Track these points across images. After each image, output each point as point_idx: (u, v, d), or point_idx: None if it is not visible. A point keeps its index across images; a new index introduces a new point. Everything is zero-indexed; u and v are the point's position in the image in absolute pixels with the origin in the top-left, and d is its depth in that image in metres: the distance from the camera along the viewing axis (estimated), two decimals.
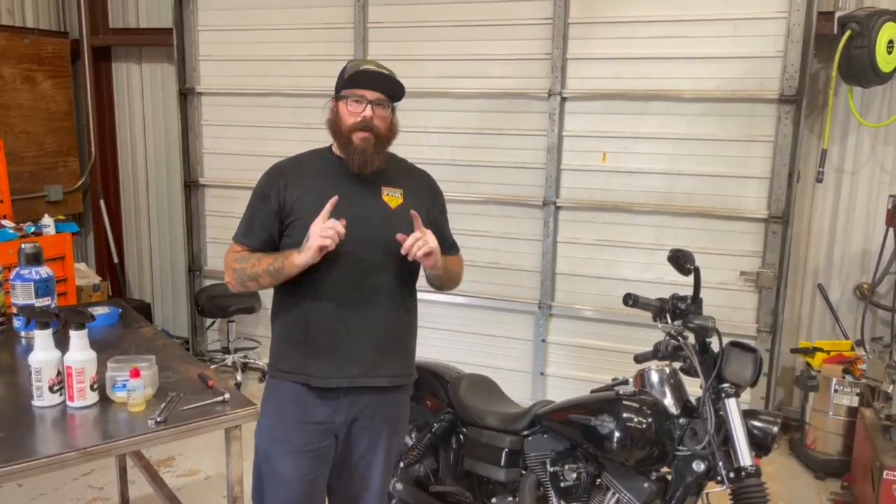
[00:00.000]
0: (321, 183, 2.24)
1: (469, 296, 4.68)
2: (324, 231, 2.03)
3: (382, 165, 2.27)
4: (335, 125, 2.24)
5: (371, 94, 2.19)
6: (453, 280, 2.43)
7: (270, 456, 2.28)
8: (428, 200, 2.37)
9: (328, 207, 2.06)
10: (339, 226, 2.03)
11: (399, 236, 2.11)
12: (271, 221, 2.24)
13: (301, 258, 2.08)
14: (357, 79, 2.21)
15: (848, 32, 3.80)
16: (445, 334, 4.81)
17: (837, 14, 3.92)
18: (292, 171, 2.30)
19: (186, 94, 5.31)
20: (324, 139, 2.33)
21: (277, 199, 2.23)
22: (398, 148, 2.45)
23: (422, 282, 2.35)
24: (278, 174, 2.30)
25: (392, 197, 2.28)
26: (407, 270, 2.28)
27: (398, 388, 2.37)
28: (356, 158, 2.20)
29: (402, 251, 2.11)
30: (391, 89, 2.23)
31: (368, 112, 2.18)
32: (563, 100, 4.37)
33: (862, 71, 3.84)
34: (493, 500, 2.78)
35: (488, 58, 4.50)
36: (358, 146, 2.19)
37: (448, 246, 2.42)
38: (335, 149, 2.30)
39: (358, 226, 2.18)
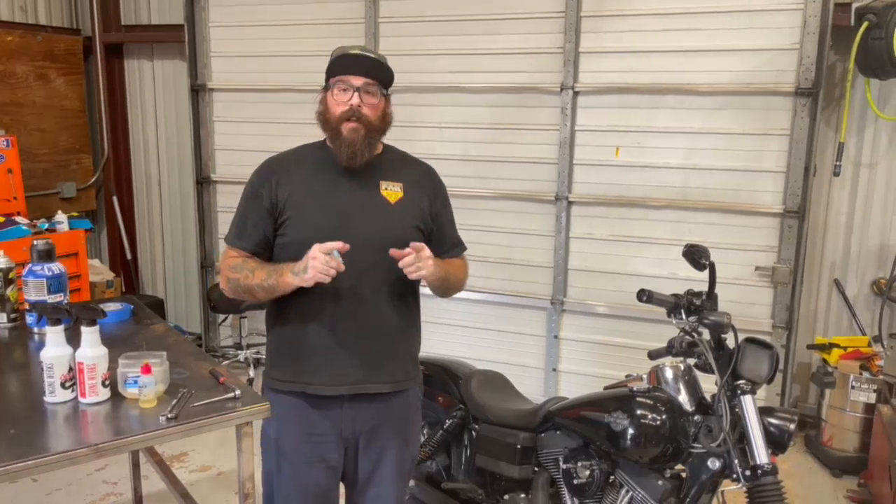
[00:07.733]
0: (314, 179, 2.13)
1: (481, 291, 4.66)
2: (325, 269, 1.91)
3: (376, 157, 2.16)
4: (323, 117, 2.11)
5: (357, 80, 2.04)
6: (453, 289, 2.26)
7: (279, 469, 2.20)
8: (430, 193, 2.24)
9: (332, 245, 1.93)
10: (341, 265, 1.93)
11: (392, 252, 1.98)
12: (265, 221, 2.12)
13: (296, 280, 1.97)
14: (341, 64, 2.06)
15: (865, 24, 3.74)
16: (457, 330, 4.79)
17: (854, 5, 3.85)
18: (284, 166, 2.18)
19: (198, 91, 5.32)
20: None
21: (269, 196, 2.12)
22: (410, 143, 2.42)
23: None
24: (270, 171, 2.18)
25: (391, 191, 2.15)
26: None
27: (405, 392, 2.24)
28: (345, 151, 2.06)
29: (400, 265, 1.98)
30: (380, 74, 2.08)
31: (356, 100, 2.04)
32: (576, 94, 4.33)
33: (879, 63, 3.77)
34: (506, 497, 2.76)
35: (500, 52, 4.47)
36: (346, 137, 2.05)
37: (451, 244, 2.29)
38: (329, 142, 2.15)
39: (355, 223, 2.07)
